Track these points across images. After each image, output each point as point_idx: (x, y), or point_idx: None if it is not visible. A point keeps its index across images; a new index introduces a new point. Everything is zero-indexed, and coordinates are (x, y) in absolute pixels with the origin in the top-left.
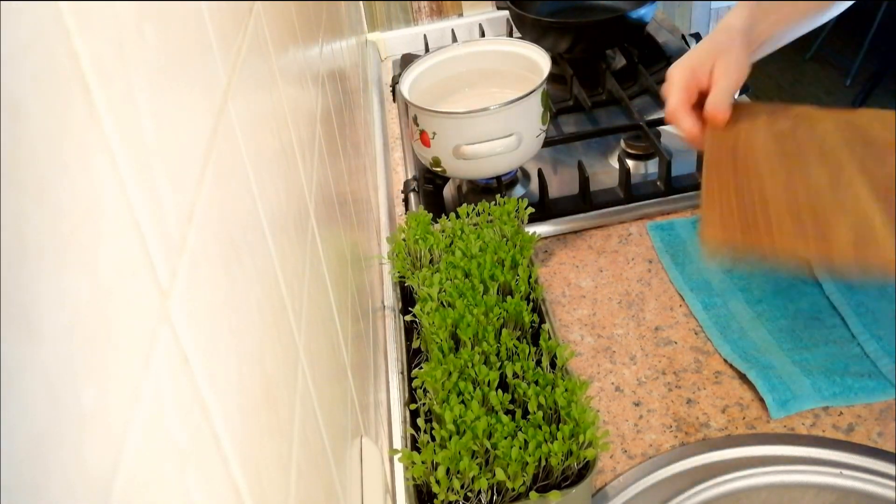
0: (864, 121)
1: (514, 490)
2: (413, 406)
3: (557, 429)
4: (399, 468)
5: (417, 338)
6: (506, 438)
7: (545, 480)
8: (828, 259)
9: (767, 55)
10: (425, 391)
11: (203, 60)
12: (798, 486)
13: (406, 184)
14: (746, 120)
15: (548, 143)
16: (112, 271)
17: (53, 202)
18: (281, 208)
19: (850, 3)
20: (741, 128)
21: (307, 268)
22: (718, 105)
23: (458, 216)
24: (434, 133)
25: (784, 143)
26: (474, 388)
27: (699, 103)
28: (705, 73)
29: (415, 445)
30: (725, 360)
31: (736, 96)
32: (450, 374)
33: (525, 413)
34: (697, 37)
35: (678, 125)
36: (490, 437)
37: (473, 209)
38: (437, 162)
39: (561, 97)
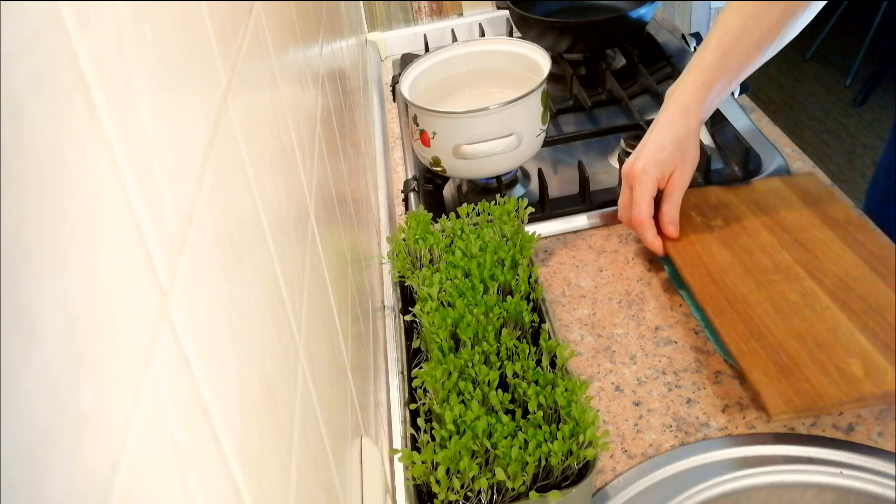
0: (769, 201)
1: (514, 490)
2: (413, 406)
3: (557, 429)
4: (399, 468)
5: (417, 338)
6: (506, 438)
7: (545, 480)
8: (862, 401)
9: None
10: (425, 391)
11: (203, 60)
12: (798, 486)
13: (406, 184)
14: (691, 231)
15: (548, 142)
16: (112, 271)
17: (53, 202)
18: (281, 208)
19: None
20: (696, 248)
21: (307, 268)
22: (674, 221)
23: (458, 216)
24: (434, 133)
25: (741, 257)
26: (474, 388)
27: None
28: (665, 179)
29: (415, 445)
30: (725, 360)
31: (736, 95)
32: (450, 374)
33: (525, 413)
34: (697, 36)
35: (642, 235)
36: (490, 436)
37: (473, 209)
38: (437, 162)
39: (561, 97)
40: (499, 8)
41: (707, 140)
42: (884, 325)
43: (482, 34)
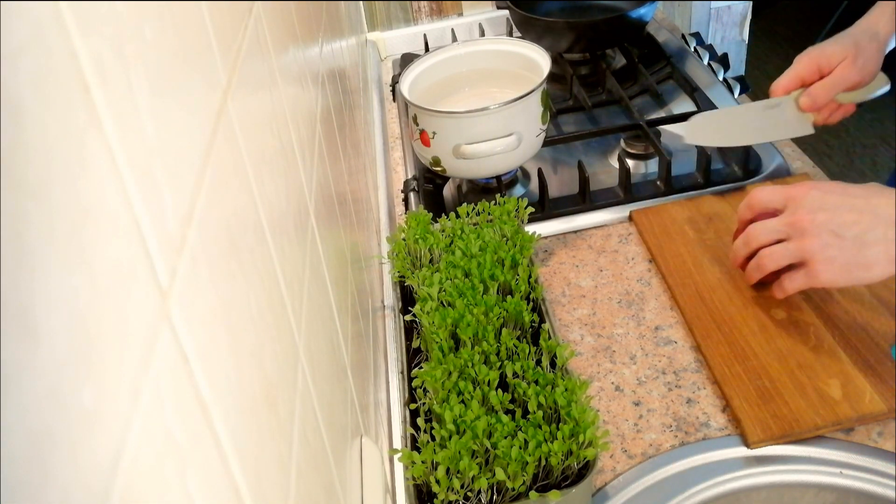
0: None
1: (514, 490)
2: (413, 406)
3: (557, 428)
4: (399, 468)
5: (417, 337)
6: (506, 438)
7: (545, 480)
8: (838, 425)
9: (768, 55)
10: (425, 391)
11: (203, 60)
12: (798, 486)
13: (406, 183)
14: (684, 248)
15: (548, 142)
16: (112, 271)
17: (53, 202)
18: (281, 208)
19: None
20: (688, 265)
21: (307, 268)
22: (814, 97)
23: (458, 216)
24: (434, 133)
25: (731, 273)
26: (474, 388)
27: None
28: (830, 68)
29: (415, 445)
30: None
31: (736, 95)
32: (450, 373)
33: (525, 413)
34: (697, 36)
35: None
36: (490, 436)
37: (473, 209)
38: (437, 161)
39: (561, 97)
40: (499, 8)
41: None
42: (866, 340)
43: (482, 34)
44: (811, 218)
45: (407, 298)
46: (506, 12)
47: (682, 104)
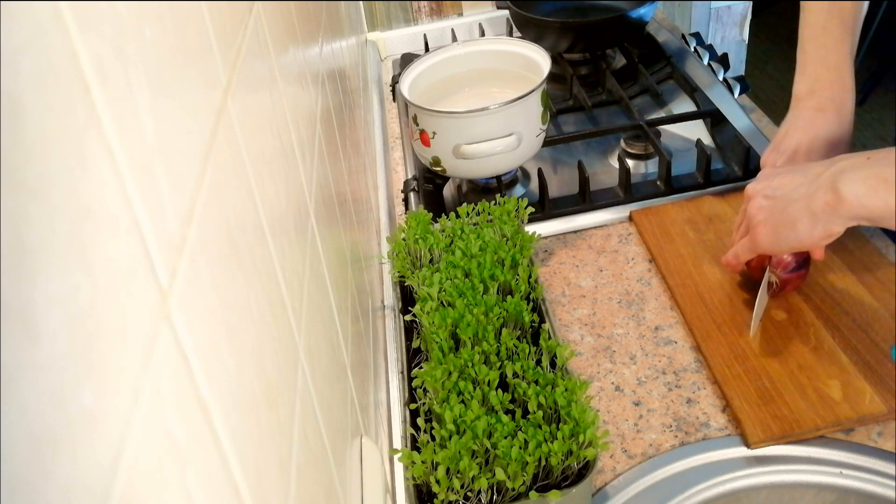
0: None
1: (514, 490)
2: (413, 406)
3: (557, 428)
4: (399, 468)
5: (417, 337)
6: (506, 438)
7: (545, 480)
8: (839, 426)
9: (768, 55)
10: (425, 391)
11: (203, 60)
12: (798, 486)
13: (406, 183)
14: (685, 248)
15: (548, 142)
16: (112, 271)
17: (53, 202)
18: (281, 208)
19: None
20: (688, 266)
21: (307, 268)
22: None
23: (458, 216)
24: (434, 133)
25: (731, 274)
26: (474, 388)
27: None
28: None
29: (415, 445)
30: None
31: (736, 95)
32: (450, 373)
33: (525, 413)
34: (697, 36)
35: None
36: (490, 436)
37: (473, 209)
38: (437, 161)
39: (561, 97)
40: (499, 8)
41: (707, 140)
42: (866, 341)
43: (482, 34)
44: (752, 186)
45: (407, 298)
46: (506, 12)
47: (682, 104)
